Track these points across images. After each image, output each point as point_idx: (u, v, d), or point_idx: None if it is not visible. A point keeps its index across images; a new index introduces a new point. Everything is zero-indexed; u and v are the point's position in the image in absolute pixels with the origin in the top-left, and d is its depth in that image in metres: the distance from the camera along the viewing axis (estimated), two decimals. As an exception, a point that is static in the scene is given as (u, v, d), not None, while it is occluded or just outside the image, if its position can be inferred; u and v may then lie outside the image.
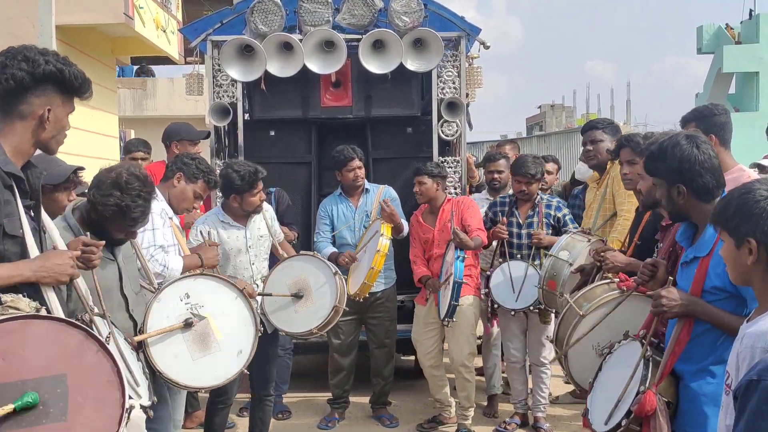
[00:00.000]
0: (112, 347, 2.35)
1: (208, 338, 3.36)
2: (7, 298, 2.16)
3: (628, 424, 2.57)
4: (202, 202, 4.14)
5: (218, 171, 4.55)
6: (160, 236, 3.75)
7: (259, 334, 3.56)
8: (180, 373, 3.28)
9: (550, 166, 6.14)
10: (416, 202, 5.39)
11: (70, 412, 2.04)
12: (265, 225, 4.56)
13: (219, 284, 3.52)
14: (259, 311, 4.03)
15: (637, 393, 2.58)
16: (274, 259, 4.65)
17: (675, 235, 2.96)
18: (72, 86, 2.41)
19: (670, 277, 2.74)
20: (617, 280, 3.32)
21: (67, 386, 2.06)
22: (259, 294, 4.27)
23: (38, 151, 2.48)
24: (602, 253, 3.61)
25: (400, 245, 5.41)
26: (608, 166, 4.83)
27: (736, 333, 2.40)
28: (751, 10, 21.06)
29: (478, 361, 5.81)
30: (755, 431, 1.71)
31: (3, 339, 2.06)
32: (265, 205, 4.61)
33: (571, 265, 4.20)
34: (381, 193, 5.40)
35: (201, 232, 4.34)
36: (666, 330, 2.78)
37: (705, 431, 2.54)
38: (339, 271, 4.56)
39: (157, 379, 3.23)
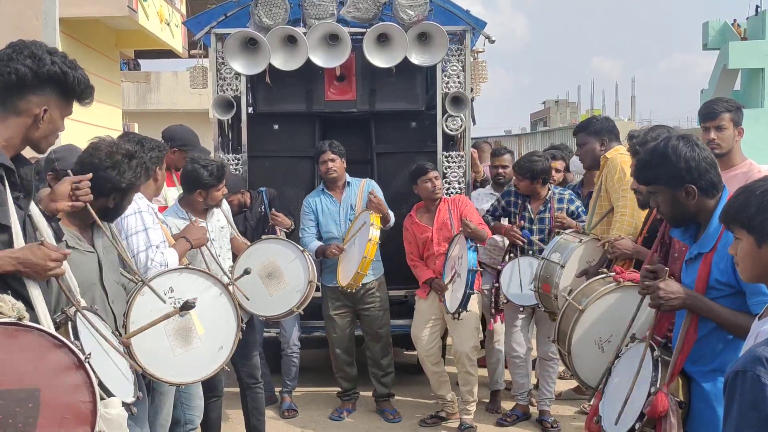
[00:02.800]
0: (94, 350, 2.32)
1: (189, 333, 3.33)
2: None
3: (642, 427, 2.52)
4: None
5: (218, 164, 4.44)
6: (153, 235, 3.60)
7: (242, 331, 3.52)
8: (161, 368, 3.24)
9: (559, 164, 6.05)
10: (416, 200, 5.37)
11: (38, 427, 2.02)
12: (223, 216, 4.48)
13: (203, 279, 3.48)
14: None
15: (649, 394, 2.53)
16: None
17: (665, 228, 2.93)
18: (73, 91, 2.37)
19: (666, 267, 2.70)
20: (612, 273, 3.31)
21: (39, 401, 2.04)
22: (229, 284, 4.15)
23: (58, 144, 2.41)
24: (613, 242, 3.58)
25: (390, 237, 5.38)
26: (601, 163, 4.79)
27: (739, 330, 2.39)
28: (757, 6, 20.96)
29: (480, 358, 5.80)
30: (747, 423, 1.71)
31: None
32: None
33: (562, 267, 4.17)
34: (364, 186, 5.38)
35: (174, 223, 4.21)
36: (673, 330, 2.75)
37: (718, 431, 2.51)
38: (306, 249, 4.58)
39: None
